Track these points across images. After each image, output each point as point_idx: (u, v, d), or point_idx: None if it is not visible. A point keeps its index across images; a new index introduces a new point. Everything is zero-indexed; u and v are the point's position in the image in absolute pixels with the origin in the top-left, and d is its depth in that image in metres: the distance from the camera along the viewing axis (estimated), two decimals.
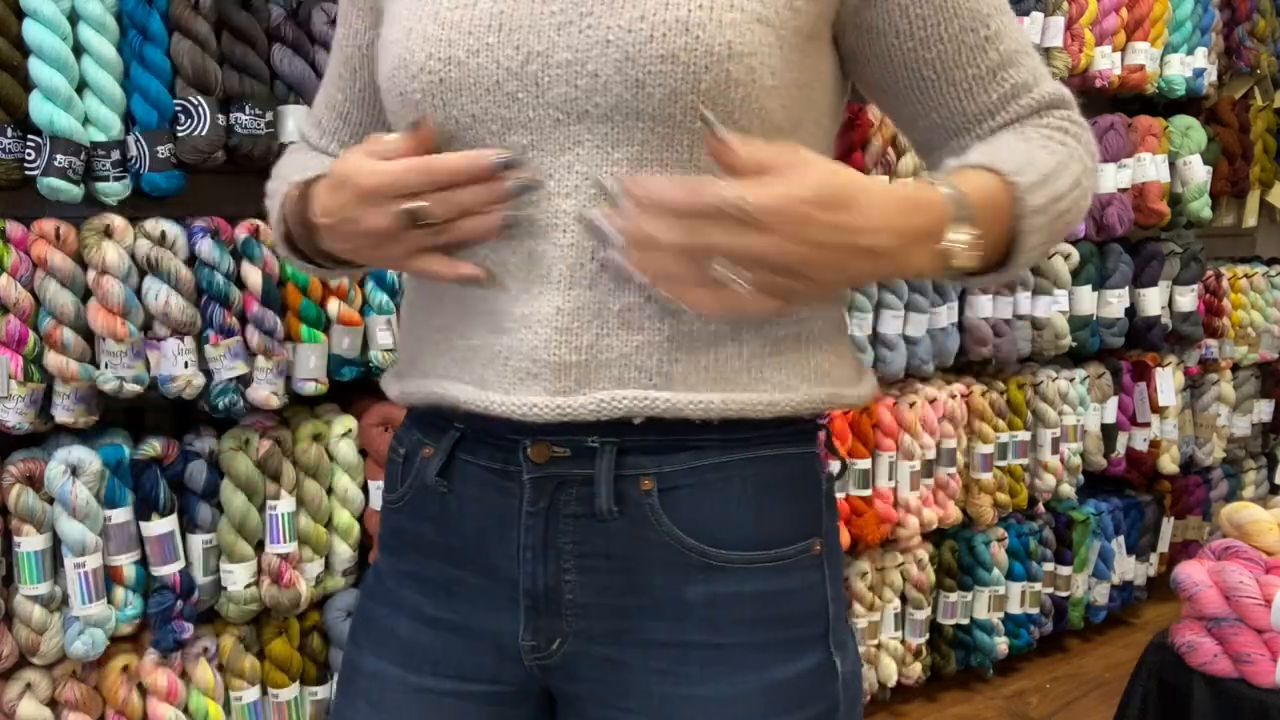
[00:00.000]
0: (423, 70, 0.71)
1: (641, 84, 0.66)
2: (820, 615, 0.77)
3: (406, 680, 0.81)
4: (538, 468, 0.74)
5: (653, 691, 0.75)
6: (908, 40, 0.74)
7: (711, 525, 0.73)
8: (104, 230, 1.51)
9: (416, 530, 0.82)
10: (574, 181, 0.69)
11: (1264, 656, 1.51)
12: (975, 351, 2.47)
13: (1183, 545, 3.08)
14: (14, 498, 1.48)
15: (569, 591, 0.75)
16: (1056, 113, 0.77)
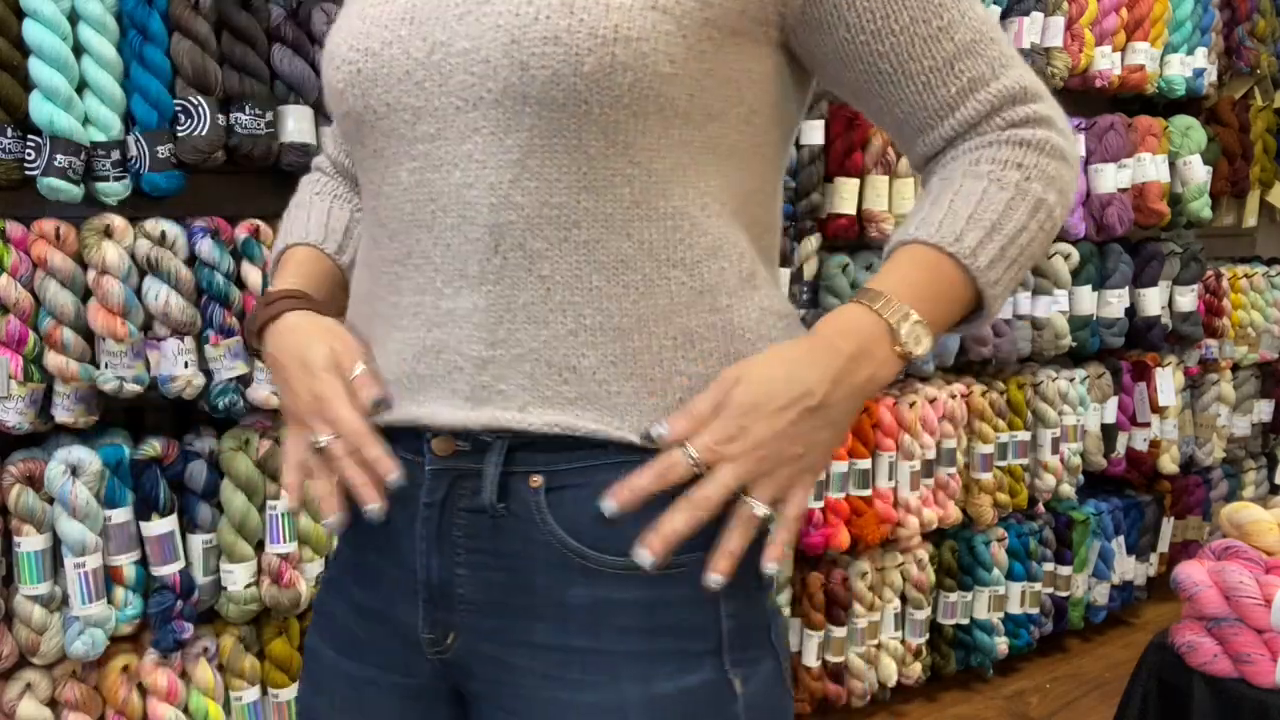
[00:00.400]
0: (345, 61, 0.74)
1: (526, 66, 0.67)
2: (710, 630, 0.73)
3: (339, 666, 0.83)
4: (439, 460, 0.74)
5: (537, 695, 0.74)
6: (859, 34, 0.73)
7: (595, 528, 0.71)
8: (104, 230, 1.51)
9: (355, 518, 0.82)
10: (475, 171, 0.70)
11: (1264, 656, 1.50)
12: (975, 351, 2.47)
13: (1183, 545, 3.08)
14: (14, 498, 1.48)
15: (460, 585, 0.75)
16: (1019, 109, 0.75)
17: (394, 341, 0.76)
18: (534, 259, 0.70)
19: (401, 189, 0.73)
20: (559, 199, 0.69)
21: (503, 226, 0.70)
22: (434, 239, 0.72)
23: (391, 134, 0.73)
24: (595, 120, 0.67)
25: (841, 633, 2.34)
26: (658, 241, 0.71)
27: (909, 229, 0.75)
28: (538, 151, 0.68)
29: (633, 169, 0.70)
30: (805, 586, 2.31)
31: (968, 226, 0.72)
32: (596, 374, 0.71)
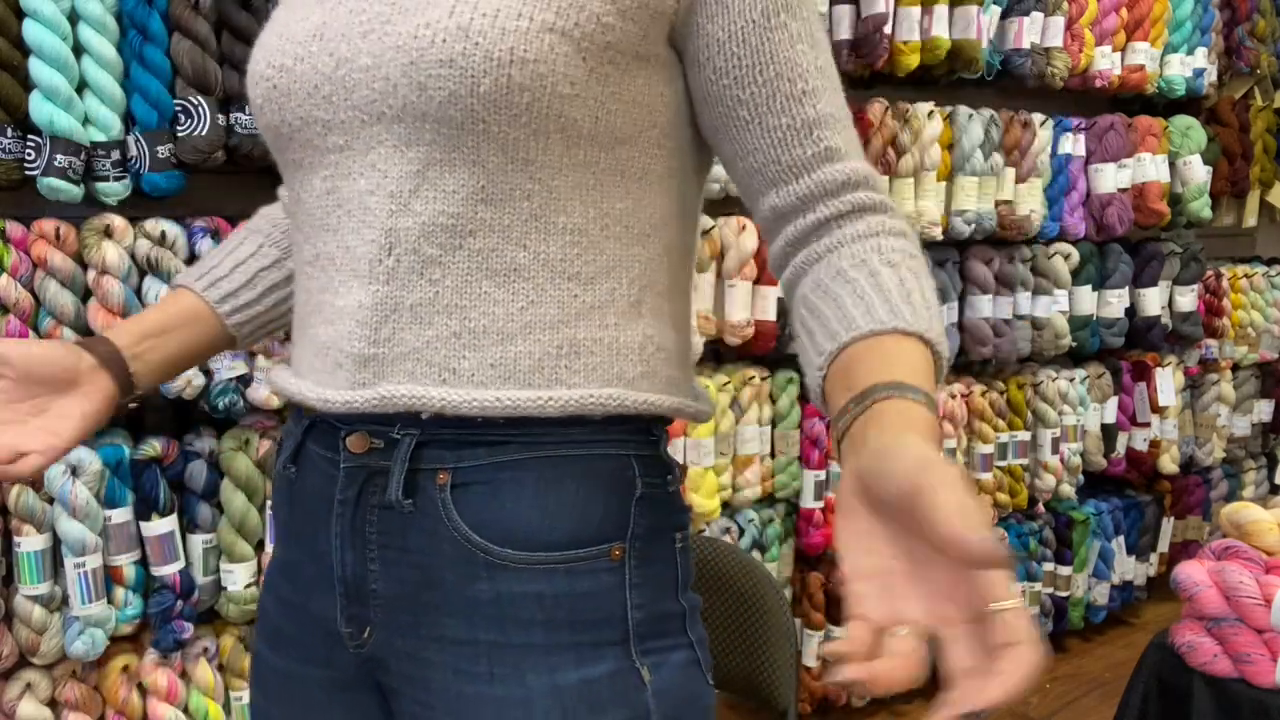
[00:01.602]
0: (262, 77, 0.77)
1: (424, 87, 0.69)
2: (616, 621, 0.75)
3: (271, 660, 0.86)
4: (353, 457, 0.76)
5: (450, 689, 0.75)
6: (724, 77, 0.74)
7: (498, 523, 0.73)
8: (104, 230, 1.51)
9: (280, 515, 0.86)
10: (377, 179, 0.72)
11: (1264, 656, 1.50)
12: (975, 351, 2.48)
13: (1183, 545, 3.08)
14: (14, 498, 1.48)
15: (373, 581, 0.77)
16: (872, 195, 0.75)
17: (306, 338, 0.79)
18: (426, 263, 0.72)
19: (315, 195, 0.76)
20: (455, 209, 0.71)
21: (398, 231, 0.72)
22: (338, 241, 0.75)
23: (306, 145, 0.76)
24: (494, 138, 0.70)
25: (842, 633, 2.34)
26: (554, 255, 0.73)
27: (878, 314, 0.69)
28: (436, 164, 0.71)
29: (532, 184, 0.72)
30: (805, 586, 2.32)
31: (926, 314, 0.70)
32: (474, 376, 0.72)
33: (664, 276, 0.79)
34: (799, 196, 0.76)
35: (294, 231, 0.81)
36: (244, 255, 0.95)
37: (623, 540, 0.76)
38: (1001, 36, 2.41)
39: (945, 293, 2.40)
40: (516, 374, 0.73)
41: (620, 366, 0.76)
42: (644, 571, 0.76)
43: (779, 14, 0.73)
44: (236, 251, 0.95)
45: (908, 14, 2.17)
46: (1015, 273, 2.52)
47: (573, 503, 0.74)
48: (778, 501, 2.28)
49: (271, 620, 0.86)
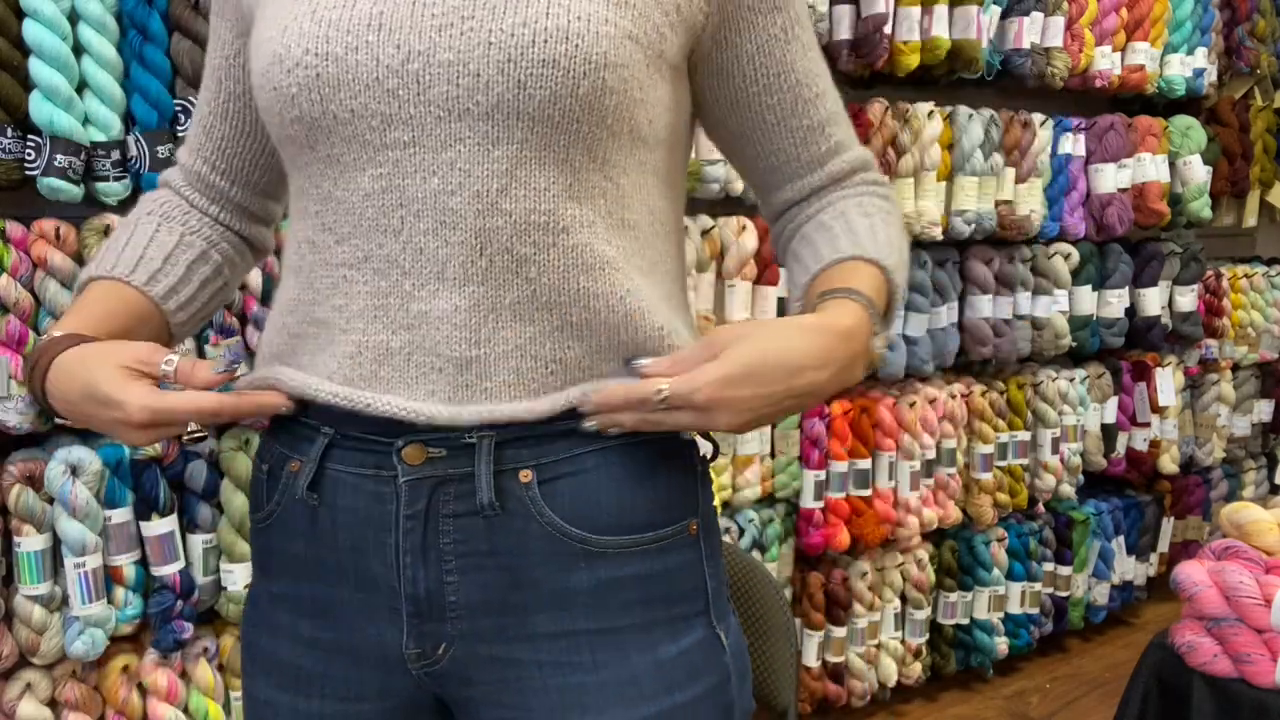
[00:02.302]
0: (299, 65, 0.72)
1: (524, 85, 0.69)
2: (700, 592, 0.80)
3: (297, 707, 0.81)
4: (413, 469, 0.74)
5: (548, 685, 0.76)
6: (753, 85, 0.82)
7: (591, 512, 0.75)
8: (104, 230, 1.51)
9: (287, 549, 0.80)
10: (458, 179, 0.71)
11: (1264, 656, 1.50)
12: (975, 351, 2.48)
13: (1183, 545, 3.08)
14: (14, 498, 1.48)
15: (451, 593, 0.75)
16: (870, 174, 0.89)
17: (341, 345, 0.75)
18: (521, 262, 0.72)
19: (361, 194, 0.73)
20: (547, 206, 0.72)
21: (489, 231, 0.71)
22: (402, 244, 0.72)
23: (353, 140, 0.72)
24: (583, 138, 0.72)
25: (841, 633, 2.34)
26: (628, 249, 0.77)
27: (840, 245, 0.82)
28: (528, 163, 0.71)
29: (607, 183, 0.75)
30: (805, 586, 2.32)
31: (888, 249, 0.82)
32: (582, 362, 0.75)
33: (681, 272, 0.86)
34: (812, 188, 0.88)
35: (312, 231, 0.76)
36: (170, 245, 0.86)
37: (695, 515, 0.80)
38: (1001, 36, 2.41)
39: (945, 293, 2.40)
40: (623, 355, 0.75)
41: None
42: (711, 543, 0.82)
43: (794, 28, 0.82)
44: (160, 241, 0.86)
45: (908, 14, 2.17)
46: (1015, 273, 2.52)
47: (655, 484, 0.77)
48: (778, 501, 2.28)
49: (289, 664, 0.81)
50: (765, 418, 0.72)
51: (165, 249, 0.86)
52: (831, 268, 0.81)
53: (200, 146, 0.90)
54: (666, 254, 0.82)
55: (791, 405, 0.72)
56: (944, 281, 2.39)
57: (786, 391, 0.71)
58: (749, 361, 0.70)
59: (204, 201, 0.90)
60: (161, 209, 0.89)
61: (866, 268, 0.80)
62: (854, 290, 0.77)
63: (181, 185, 0.91)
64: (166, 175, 0.92)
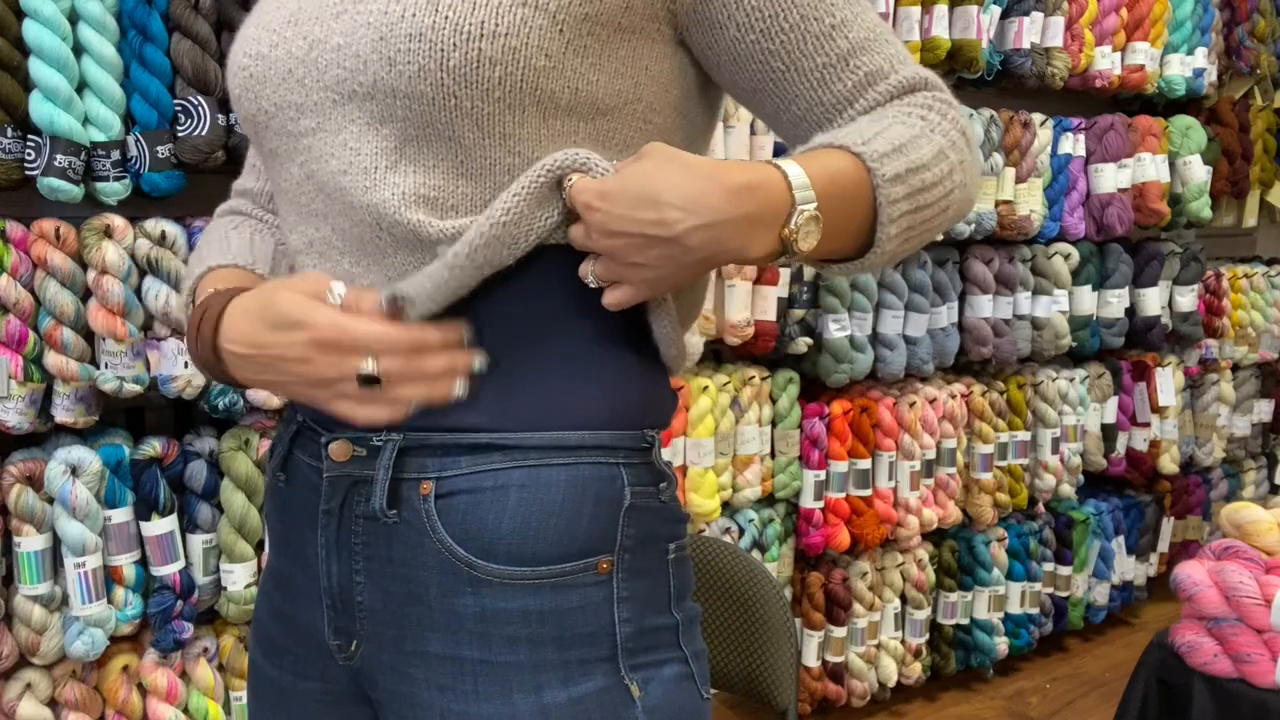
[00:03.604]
0: (240, 68, 0.77)
1: (394, 62, 0.68)
2: (603, 637, 0.72)
3: (266, 671, 0.85)
4: (336, 466, 0.75)
5: (434, 705, 0.73)
6: (749, 32, 0.73)
7: (481, 536, 0.71)
8: (104, 230, 1.51)
9: (272, 523, 0.85)
10: (348, 157, 0.71)
11: (1264, 656, 1.50)
12: (975, 351, 2.47)
13: (1183, 545, 3.08)
14: (14, 498, 1.48)
15: (359, 593, 0.76)
16: (921, 94, 0.75)
17: None
18: (415, 228, 0.70)
19: (294, 183, 0.75)
20: (436, 181, 0.70)
21: (377, 205, 0.70)
22: (330, 227, 0.74)
23: (281, 132, 0.75)
24: (466, 112, 0.68)
25: (841, 633, 2.34)
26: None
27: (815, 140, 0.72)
28: (413, 140, 0.70)
29: (511, 158, 0.70)
30: (805, 586, 2.32)
31: (875, 138, 0.69)
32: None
33: None
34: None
35: (282, 224, 0.80)
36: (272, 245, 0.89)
37: (610, 553, 0.73)
38: (1001, 36, 2.41)
39: (945, 293, 2.40)
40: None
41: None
42: (633, 585, 0.74)
43: None
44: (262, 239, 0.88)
45: (908, 14, 2.17)
46: (1015, 273, 2.52)
47: (558, 515, 0.71)
48: (778, 501, 2.27)
49: (265, 629, 0.85)
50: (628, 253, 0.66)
51: (267, 247, 0.88)
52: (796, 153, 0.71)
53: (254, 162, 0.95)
54: None
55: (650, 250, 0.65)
56: (944, 281, 2.39)
57: (641, 224, 0.64)
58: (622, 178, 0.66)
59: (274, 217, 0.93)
60: (245, 221, 0.92)
61: (825, 151, 0.69)
62: (794, 165, 0.67)
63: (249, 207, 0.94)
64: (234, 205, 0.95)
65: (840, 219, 0.68)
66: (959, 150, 0.74)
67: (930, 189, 0.71)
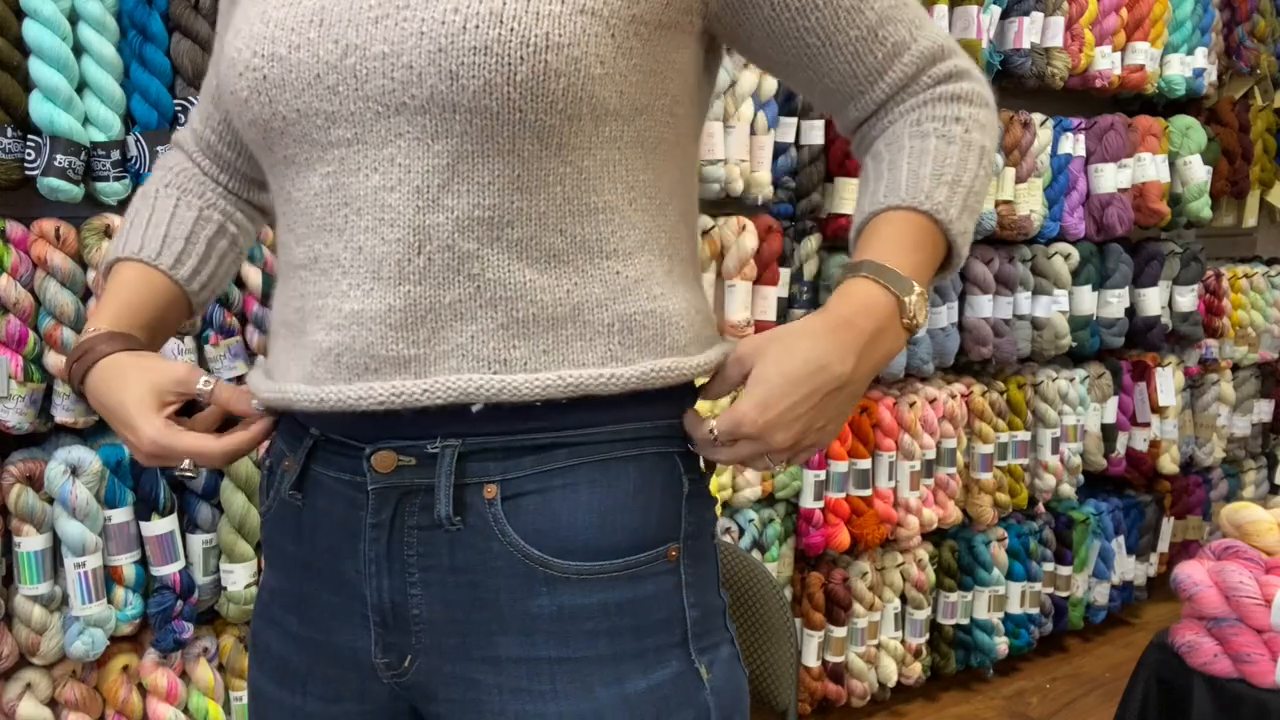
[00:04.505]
0: (248, 68, 0.72)
1: (456, 76, 0.66)
2: (675, 623, 0.74)
3: (282, 700, 0.81)
4: (382, 477, 0.72)
5: (506, 710, 0.72)
6: (784, 12, 0.75)
7: (555, 535, 0.71)
8: (104, 230, 1.51)
9: (281, 545, 0.81)
10: (397, 175, 0.68)
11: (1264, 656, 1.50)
12: (975, 351, 2.47)
13: (1183, 545, 3.08)
14: (14, 498, 1.48)
15: (415, 606, 0.73)
16: (942, 66, 0.79)
17: (300, 346, 0.74)
18: (463, 259, 0.69)
19: (312, 194, 0.72)
20: (491, 200, 0.68)
21: (429, 228, 0.68)
22: (344, 243, 0.70)
23: (303, 140, 0.71)
24: (530, 125, 0.67)
25: (841, 633, 2.34)
26: (590, 235, 0.71)
27: (878, 197, 0.77)
28: (469, 156, 0.68)
29: (565, 168, 0.70)
30: (805, 586, 2.32)
31: (934, 185, 0.75)
32: (528, 364, 0.70)
33: (684, 243, 0.80)
34: (876, 102, 0.80)
35: (282, 232, 0.77)
36: (190, 222, 0.89)
37: (676, 540, 0.75)
38: (1001, 36, 2.41)
39: (945, 293, 2.40)
40: (570, 356, 0.71)
41: (672, 336, 0.75)
42: (695, 570, 0.76)
43: None
44: (180, 218, 0.89)
45: None
46: (1015, 273, 2.52)
47: (631, 507, 0.73)
48: (778, 501, 2.27)
49: (278, 657, 0.81)
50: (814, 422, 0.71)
51: (186, 227, 0.88)
52: (866, 226, 0.77)
53: (209, 116, 0.91)
54: (657, 229, 0.76)
55: (832, 403, 0.71)
56: (944, 281, 2.39)
57: (817, 390, 0.70)
58: (772, 377, 0.70)
59: (215, 169, 0.92)
60: (178, 179, 0.91)
61: (903, 220, 0.75)
62: (877, 265, 0.73)
63: (194, 151, 0.93)
64: (180, 137, 0.95)
65: (930, 267, 0.77)
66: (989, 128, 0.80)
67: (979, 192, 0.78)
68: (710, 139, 1.99)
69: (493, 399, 0.69)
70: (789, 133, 2.13)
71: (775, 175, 2.11)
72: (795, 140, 2.15)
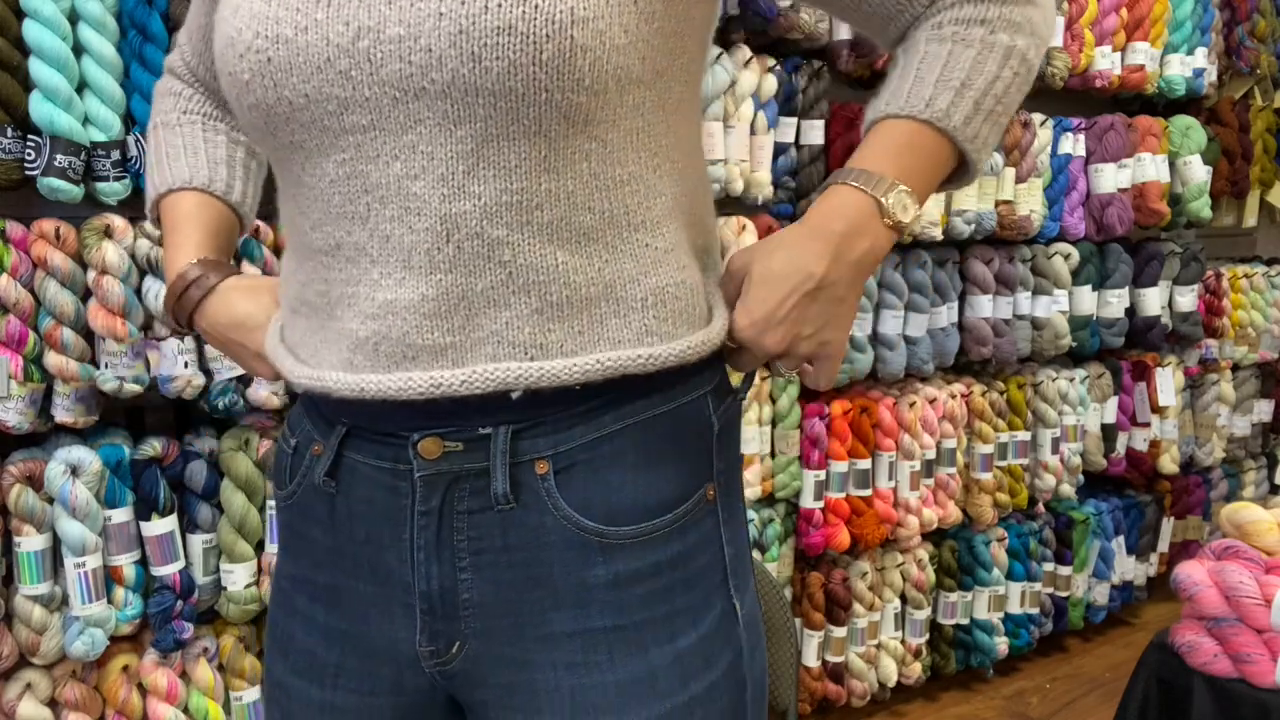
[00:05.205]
0: (250, 49, 0.68)
1: (478, 58, 0.63)
2: (719, 563, 0.76)
3: (309, 693, 0.79)
4: (429, 464, 0.71)
5: (561, 687, 0.72)
6: None
7: (606, 502, 0.71)
8: (104, 230, 1.51)
9: (307, 533, 0.79)
10: (420, 163, 0.66)
11: (1264, 656, 1.50)
12: (975, 351, 2.47)
13: (1183, 545, 3.08)
14: (14, 498, 1.48)
15: (465, 591, 0.73)
16: None
17: (330, 331, 0.73)
18: (493, 246, 0.67)
19: (328, 181, 0.69)
20: (518, 184, 0.67)
21: (455, 216, 0.67)
22: (369, 231, 0.69)
23: (312, 125, 0.68)
24: (557, 105, 0.65)
25: (841, 633, 2.34)
26: (618, 209, 0.70)
27: (879, 105, 0.76)
28: (494, 140, 0.65)
29: (591, 144, 0.68)
30: (805, 586, 2.32)
31: (937, 90, 0.74)
32: (564, 346, 0.69)
33: (703, 204, 0.79)
34: (913, 15, 0.78)
35: (293, 214, 0.74)
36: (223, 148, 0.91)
37: (711, 480, 0.76)
38: None
39: (945, 293, 2.40)
40: (607, 334, 0.70)
41: (702, 305, 0.75)
42: (729, 506, 0.78)
43: None
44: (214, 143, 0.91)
45: None
46: (1015, 273, 2.52)
47: (670, 460, 0.73)
48: (778, 501, 2.27)
49: (301, 648, 0.80)
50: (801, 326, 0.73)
51: (222, 150, 0.90)
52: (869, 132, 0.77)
53: (202, 54, 0.91)
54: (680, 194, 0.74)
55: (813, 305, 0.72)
56: (944, 281, 2.40)
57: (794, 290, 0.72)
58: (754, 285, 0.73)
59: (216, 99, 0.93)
60: (193, 104, 0.92)
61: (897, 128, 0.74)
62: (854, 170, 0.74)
63: (191, 79, 0.93)
64: (172, 64, 0.94)
65: (929, 173, 0.75)
66: (1026, 27, 0.76)
67: (1004, 95, 0.75)
68: (710, 139, 1.99)
69: (532, 385, 0.69)
70: (789, 133, 2.13)
71: (775, 175, 2.11)
72: (795, 140, 2.15)
